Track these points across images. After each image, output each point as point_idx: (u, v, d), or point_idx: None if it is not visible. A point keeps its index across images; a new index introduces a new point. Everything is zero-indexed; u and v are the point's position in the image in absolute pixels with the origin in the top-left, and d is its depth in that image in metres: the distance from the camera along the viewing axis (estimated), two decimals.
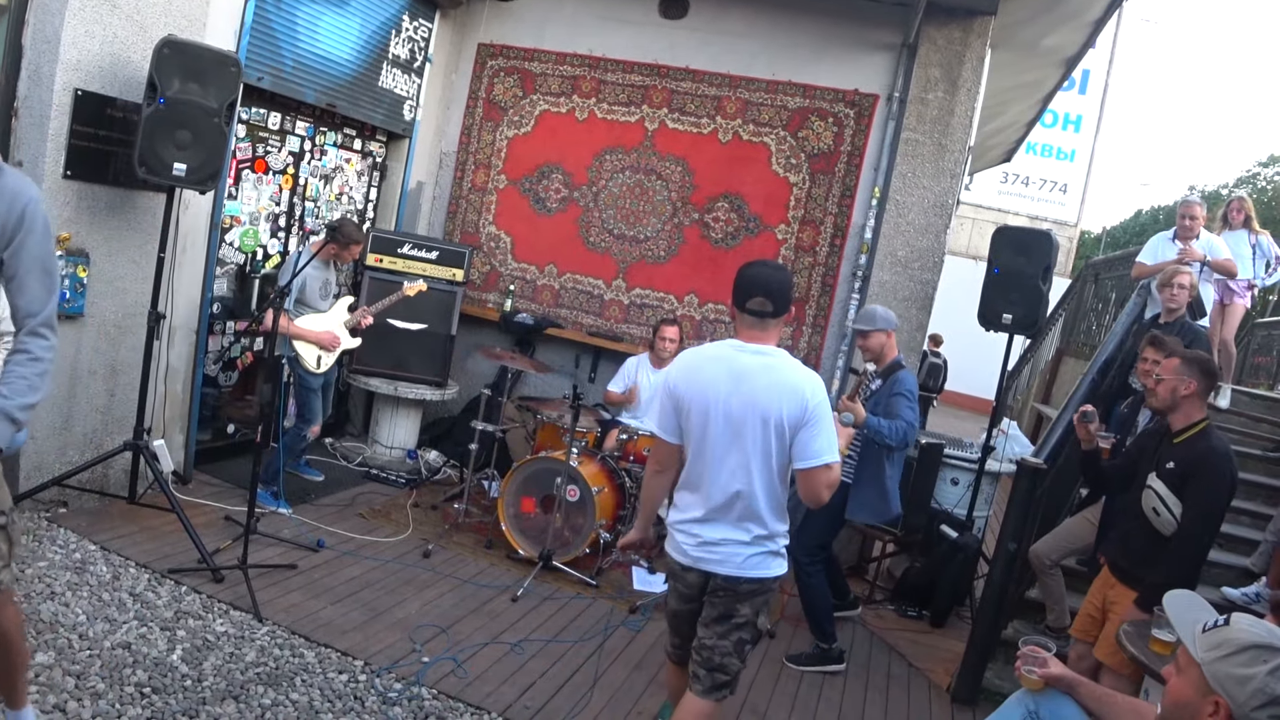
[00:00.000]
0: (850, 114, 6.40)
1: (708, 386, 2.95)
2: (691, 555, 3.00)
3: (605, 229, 6.94)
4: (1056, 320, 11.26)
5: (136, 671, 3.30)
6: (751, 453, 2.92)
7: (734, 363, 2.94)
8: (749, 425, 2.90)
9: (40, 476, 4.47)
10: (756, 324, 2.96)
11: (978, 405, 14.18)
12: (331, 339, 5.48)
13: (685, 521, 3.03)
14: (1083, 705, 2.59)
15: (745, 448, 2.92)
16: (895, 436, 4.34)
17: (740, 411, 2.90)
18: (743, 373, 2.92)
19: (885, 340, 4.59)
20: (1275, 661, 1.80)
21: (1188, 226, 6.11)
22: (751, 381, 2.90)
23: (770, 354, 2.96)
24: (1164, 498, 3.54)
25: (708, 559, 2.98)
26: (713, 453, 2.95)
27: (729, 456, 2.93)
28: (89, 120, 4.36)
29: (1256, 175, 27.39)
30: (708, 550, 2.98)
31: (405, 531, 5.39)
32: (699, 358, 3.05)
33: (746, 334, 2.98)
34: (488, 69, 7.23)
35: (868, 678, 4.61)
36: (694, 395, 2.96)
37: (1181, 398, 3.59)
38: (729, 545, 2.96)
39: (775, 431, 2.89)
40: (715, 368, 2.96)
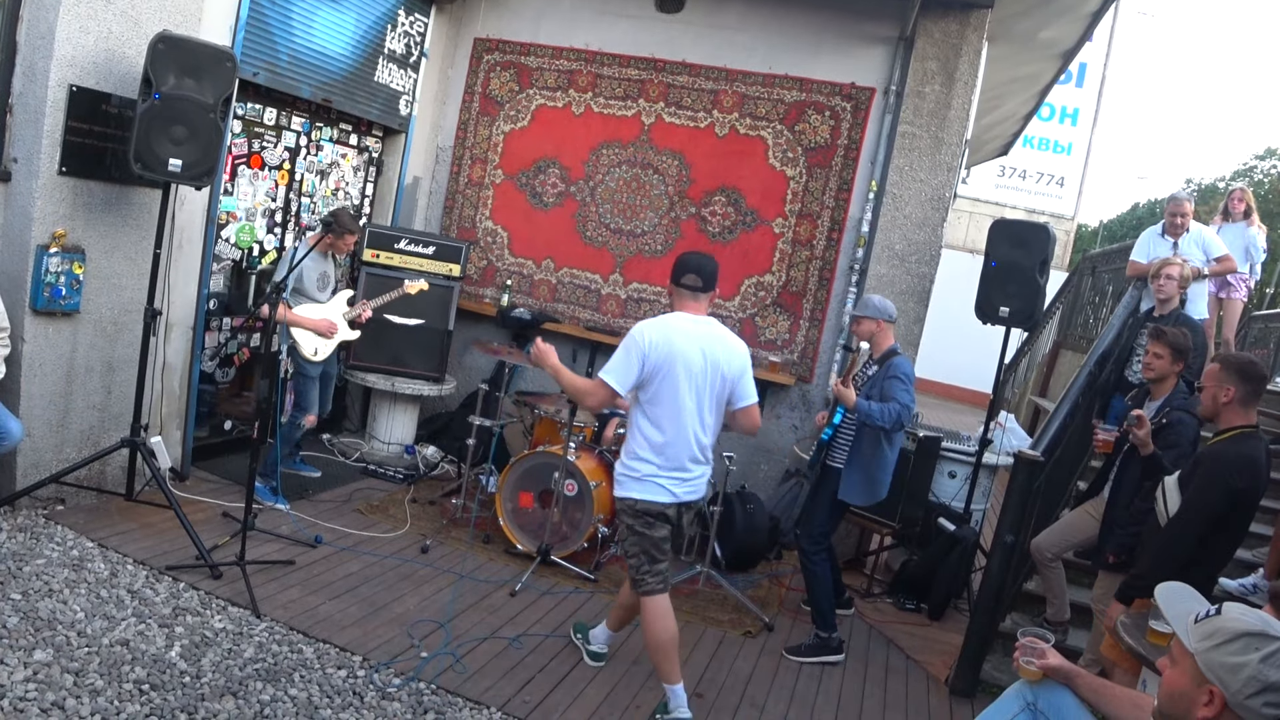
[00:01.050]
0: (847, 107, 6.40)
1: (683, 356, 3.55)
2: (680, 495, 3.64)
3: (602, 223, 6.94)
4: (1053, 313, 11.25)
5: (135, 668, 3.31)
6: (714, 405, 3.66)
7: (697, 334, 3.61)
8: (712, 384, 3.62)
9: (37, 474, 4.47)
10: (691, 296, 3.69)
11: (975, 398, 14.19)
12: (328, 326, 5.48)
13: (670, 470, 3.61)
14: (1081, 696, 2.60)
15: (709, 402, 3.64)
16: (886, 418, 4.35)
17: (709, 374, 3.60)
18: (706, 342, 3.61)
19: (875, 329, 4.63)
20: (1267, 649, 1.81)
21: (1177, 224, 6.12)
22: (713, 348, 3.62)
23: (714, 324, 3.72)
24: (1166, 489, 3.55)
25: (693, 494, 3.69)
26: (688, 408, 3.58)
27: (700, 410, 3.61)
28: (84, 116, 4.35)
29: (1253, 168, 27.44)
30: (690, 486, 3.67)
31: (403, 527, 5.39)
32: (669, 330, 3.60)
33: (690, 306, 3.70)
34: (484, 63, 7.21)
35: (866, 670, 4.62)
36: (671, 362, 3.54)
37: (1222, 405, 3.55)
38: (702, 479, 3.73)
39: (725, 386, 3.65)
40: (685, 339, 3.58)
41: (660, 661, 3.67)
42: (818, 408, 6.53)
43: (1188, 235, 6.13)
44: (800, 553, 4.71)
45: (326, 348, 5.51)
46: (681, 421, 3.58)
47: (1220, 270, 6.17)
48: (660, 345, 3.54)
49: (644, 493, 3.61)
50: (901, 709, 4.28)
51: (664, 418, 3.58)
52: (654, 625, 3.64)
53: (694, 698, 3.98)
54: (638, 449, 3.63)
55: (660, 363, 3.53)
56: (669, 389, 3.56)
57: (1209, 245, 6.15)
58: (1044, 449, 4.56)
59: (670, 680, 3.65)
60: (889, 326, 4.66)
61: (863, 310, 4.69)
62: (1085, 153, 19.82)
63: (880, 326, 4.63)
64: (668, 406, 3.57)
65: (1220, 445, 3.51)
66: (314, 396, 5.58)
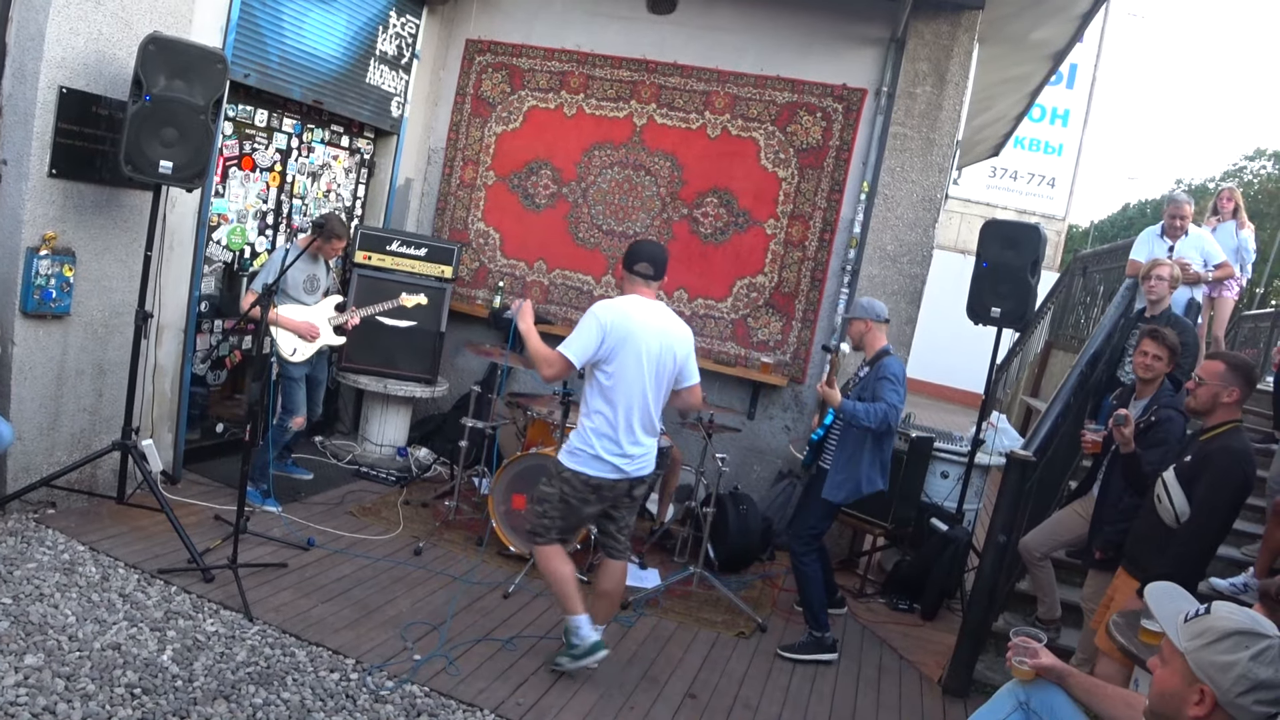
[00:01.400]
0: (839, 109, 6.41)
1: (639, 337, 3.76)
2: (626, 470, 3.83)
3: (594, 225, 6.94)
4: (1045, 313, 11.30)
5: (127, 672, 3.29)
6: (665, 384, 3.89)
7: (651, 317, 3.83)
8: (664, 365, 3.84)
9: (28, 477, 4.45)
10: (644, 283, 3.92)
11: (967, 399, 14.23)
12: (309, 329, 5.45)
13: (622, 447, 3.80)
14: (1073, 696, 2.61)
15: (661, 381, 3.86)
16: (872, 419, 4.36)
17: (663, 356, 3.83)
18: (660, 325, 3.84)
19: (865, 329, 4.66)
20: (1257, 647, 1.82)
21: (1177, 226, 6.11)
22: (666, 332, 3.85)
23: (664, 309, 3.95)
24: (1169, 487, 3.56)
25: (642, 469, 3.89)
26: (641, 386, 3.79)
27: (652, 389, 3.83)
28: (74, 118, 4.34)
29: (1243, 169, 27.53)
30: (640, 463, 3.87)
31: (396, 529, 5.38)
32: (627, 311, 3.80)
33: (642, 291, 3.92)
34: (476, 65, 7.21)
35: (859, 670, 4.63)
36: (627, 342, 3.74)
37: (1222, 403, 3.60)
38: (651, 454, 3.93)
39: (675, 367, 3.90)
40: (642, 321, 3.79)
41: (558, 597, 3.99)
42: (810, 408, 6.54)
43: (1186, 239, 6.12)
44: (791, 554, 4.72)
45: (306, 349, 5.48)
46: (635, 399, 3.79)
47: (1220, 276, 6.18)
48: (619, 325, 3.74)
49: (596, 470, 3.81)
50: (895, 709, 4.29)
51: (619, 395, 3.78)
52: (549, 566, 3.93)
53: (687, 699, 3.99)
54: (595, 426, 3.82)
55: (618, 342, 3.74)
56: (625, 367, 3.76)
57: (1209, 252, 6.13)
58: (1036, 449, 4.57)
59: (571, 611, 3.93)
60: (880, 327, 4.66)
61: (852, 312, 4.73)
62: (1076, 153, 19.91)
63: (869, 327, 4.65)
64: (623, 384, 3.77)
65: (1226, 439, 3.55)
66: (300, 398, 5.55)
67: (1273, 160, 26.84)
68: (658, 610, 4.90)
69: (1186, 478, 3.54)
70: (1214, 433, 3.61)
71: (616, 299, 3.87)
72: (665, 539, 5.94)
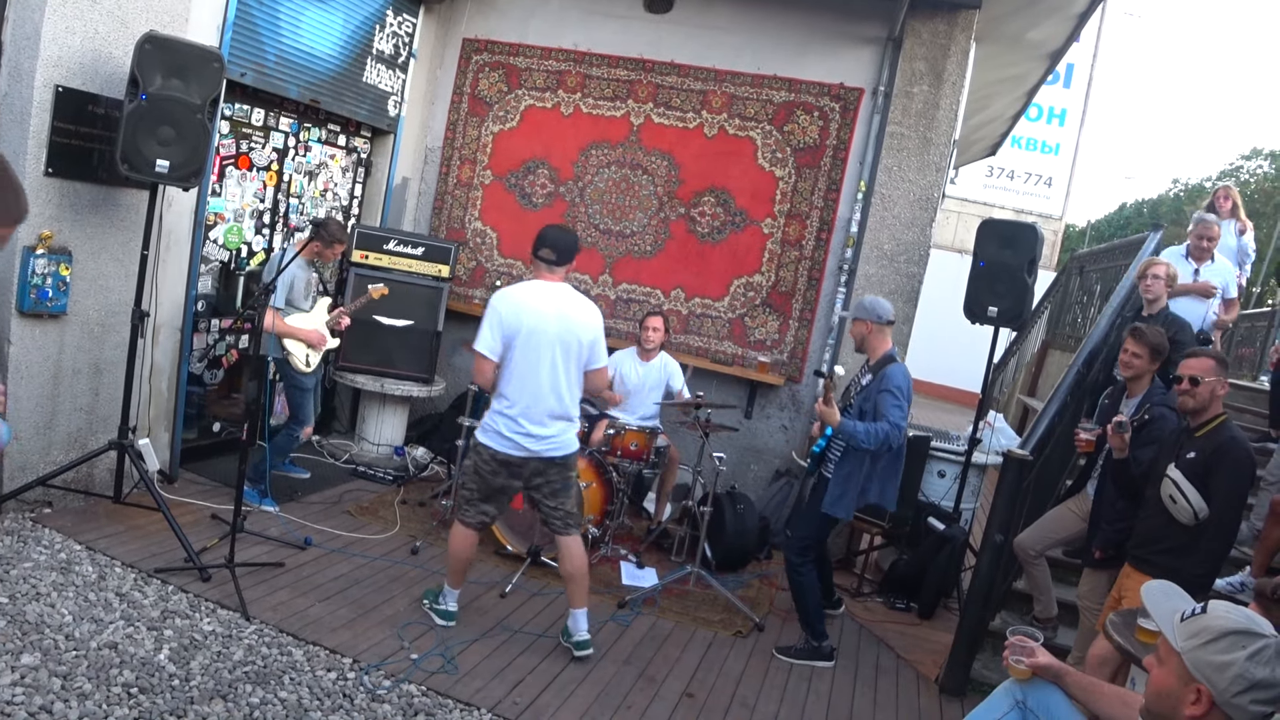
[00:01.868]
0: (835, 108, 6.41)
1: (538, 319, 3.87)
2: (532, 449, 3.94)
3: (591, 224, 6.94)
4: (1042, 313, 11.29)
5: (124, 671, 3.29)
6: (571, 365, 3.96)
7: (551, 300, 3.92)
8: (567, 346, 3.92)
9: (24, 476, 4.44)
10: (548, 269, 4.00)
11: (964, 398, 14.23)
12: (319, 338, 5.46)
13: (526, 427, 3.92)
14: (1070, 694, 2.61)
15: (566, 363, 3.94)
16: (871, 440, 4.20)
17: (564, 338, 3.91)
18: (560, 308, 3.92)
19: (866, 331, 4.47)
20: (1253, 646, 1.82)
21: (1204, 249, 5.93)
22: (566, 314, 3.93)
23: (568, 291, 4.02)
24: (1181, 486, 3.57)
25: (553, 450, 3.98)
26: (543, 369, 3.89)
27: (556, 371, 3.91)
28: (70, 117, 4.33)
29: (1239, 168, 27.60)
30: (550, 444, 3.97)
31: (393, 529, 5.38)
32: (522, 297, 3.93)
33: (546, 276, 4.01)
34: (472, 64, 7.20)
35: (856, 670, 4.63)
36: (523, 327, 3.86)
37: (1215, 397, 3.67)
38: (562, 436, 4.02)
39: (581, 348, 3.97)
40: (539, 306, 3.89)
41: (449, 569, 4.23)
42: (807, 407, 6.55)
43: (1212, 265, 5.92)
44: (787, 563, 4.62)
45: (316, 358, 5.48)
46: (538, 381, 3.91)
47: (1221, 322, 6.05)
48: (513, 312, 3.89)
49: (501, 446, 3.96)
50: (892, 708, 4.29)
51: (521, 378, 3.91)
52: (453, 542, 4.16)
53: (684, 698, 3.99)
54: (501, 406, 3.97)
55: (515, 328, 3.87)
56: (524, 351, 3.89)
57: (1228, 284, 5.99)
58: (1032, 448, 4.57)
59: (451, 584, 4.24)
60: (884, 329, 4.47)
61: (853, 312, 4.55)
62: (1073, 153, 19.92)
63: (872, 329, 4.45)
64: (523, 367, 3.90)
65: (1228, 431, 3.64)
66: (310, 409, 5.55)
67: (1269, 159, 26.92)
68: (655, 609, 4.90)
69: (1197, 474, 3.56)
70: (1210, 426, 3.66)
71: (515, 286, 4.05)
72: (662, 538, 5.94)
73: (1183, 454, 3.65)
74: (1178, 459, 3.65)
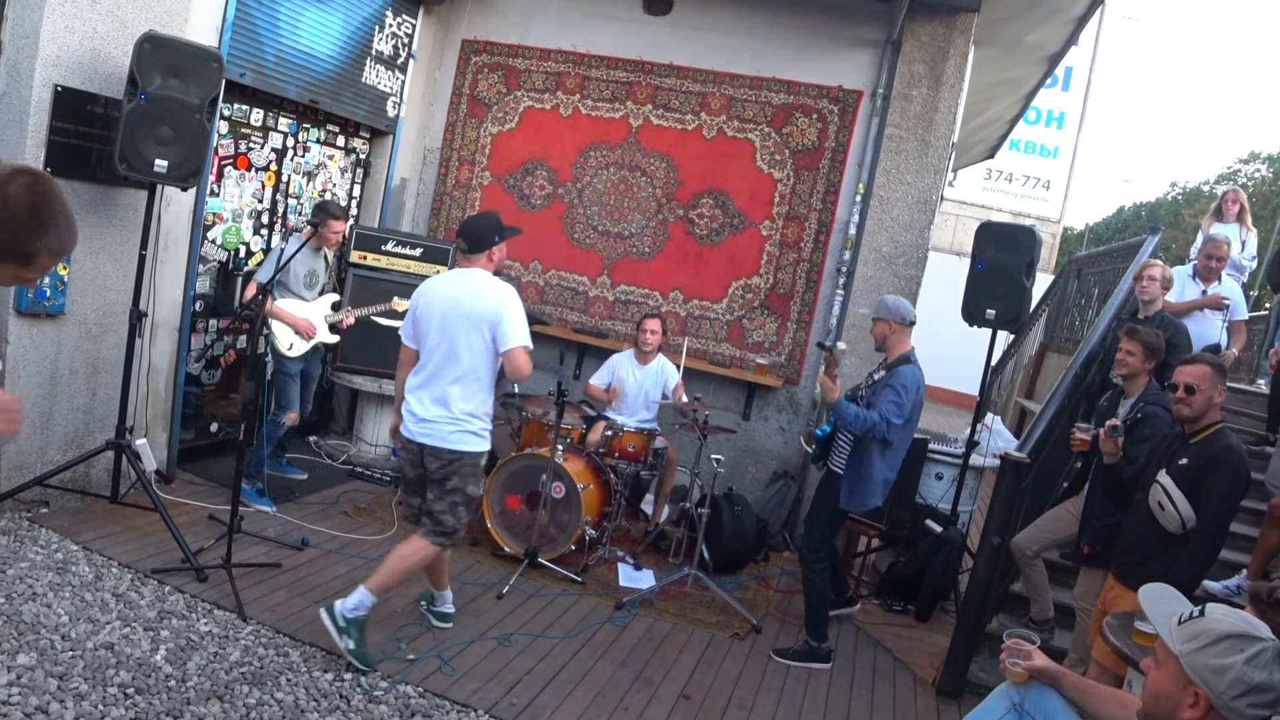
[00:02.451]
0: (834, 110, 6.42)
1: (433, 303, 3.85)
2: (414, 433, 3.86)
3: (590, 225, 6.94)
4: (1040, 315, 11.31)
5: (120, 672, 3.28)
6: (459, 347, 3.80)
7: (450, 283, 3.90)
8: (454, 326, 3.80)
9: (21, 476, 4.44)
10: (463, 257, 3.99)
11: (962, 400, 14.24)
12: (307, 326, 5.43)
13: (412, 405, 3.88)
14: (1067, 697, 2.61)
15: (455, 344, 3.80)
16: (858, 424, 4.28)
17: (454, 317, 3.80)
18: (455, 289, 3.85)
19: (889, 331, 4.50)
20: (1251, 650, 1.82)
21: (1213, 268, 5.89)
22: (460, 293, 3.83)
23: (475, 274, 3.90)
24: (1170, 493, 3.53)
25: (426, 436, 3.83)
26: (433, 349, 3.84)
27: (444, 352, 3.82)
28: (69, 116, 4.32)
29: (1237, 172, 27.65)
30: (425, 428, 3.83)
31: (390, 529, 5.37)
32: (431, 282, 3.96)
33: (462, 263, 3.99)
34: (472, 65, 7.21)
35: (853, 672, 4.63)
36: (424, 310, 3.87)
37: (1213, 405, 3.61)
38: (439, 425, 3.82)
39: (474, 328, 3.79)
40: (438, 287, 3.90)
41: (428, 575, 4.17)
42: (805, 410, 6.56)
43: (1219, 286, 5.85)
44: (801, 560, 4.67)
45: (301, 346, 5.46)
46: (428, 362, 3.87)
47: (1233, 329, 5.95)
48: (420, 295, 3.94)
49: (403, 427, 3.95)
50: (889, 710, 4.29)
51: (422, 358, 3.92)
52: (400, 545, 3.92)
53: (682, 699, 3.99)
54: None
55: (420, 312, 3.90)
56: (422, 333, 3.89)
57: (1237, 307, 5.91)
58: (1030, 450, 4.57)
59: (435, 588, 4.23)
60: (905, 330, 4.50)
61: (877, 311, 4.57)
62: (1071, 156, 19.95)
63: (893, 329, 4.48)
64: (422, 348, 3.91)
65: (1224, 439, 3.56)
66: (294, 394, 5.53)
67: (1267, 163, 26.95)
68: (652, 611, 4.90)
69: (1188, 482, 3.51)
70: (1205, 434, 3.60)
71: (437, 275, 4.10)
72: (660, 540, 5.94)
73: (1175, 460, 3.60)
74: (1169, 465, 3.61)
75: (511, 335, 3.80)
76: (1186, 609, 1.99)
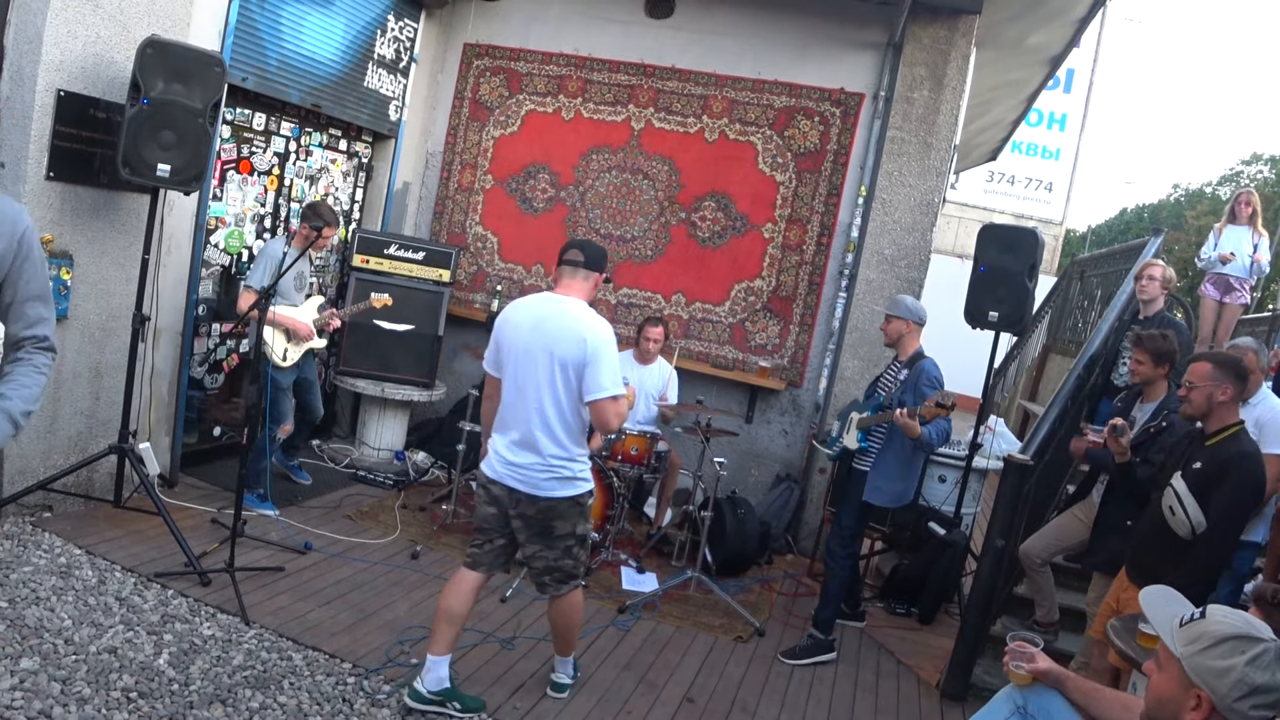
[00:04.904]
0: (836, 113, 6.42)
1: (518, 330, 3.44)
2: (500, 473, 3.45)
3: (592, 229, 6.94)
4: (1042, 318, 11.30)
5: (123, 676, 3.29)
6: (548, 391, 3.37)
7: (537, 312, 3.46)
8: (539, 366, 3.37)
9: (24, 480, 4.44)
10: (567, 274, 3.53)
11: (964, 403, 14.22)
12: (308, 331, 5.41)
13: (500, 448, 3.48)
14: (1070, 700, 2.60)
15: (541, 387, 3.37)
16: (939, 439, 4.45)
17: (537, 356, 3.37)
18: (541, 321, 3.41)
19: (905, 329, 4.66)
20: (1253, 651, 1.81)
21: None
22: (546, 328, 3.39)
23: (565, 304, 3.45)
24: (1182, 497, 3.48)
25: (517, 482, 3.41)
26: (517, 390, 3.42)
27: (521, 391, 3.41)
28: (72, 121, 4.34)
29: (1240, 173, 27.60)
30: (515, 471, 3.42)
31: (393, 533, 5.37)
32: (517, 306, 3.54)
33: (561, 280, 3.55)
34: (474, 69, 7.22)
35: (857, 675, 4.62)
36: (507, 338, 3.46)
37: (1217, 403, 3.53)
38: (529, 471, 3.40)
39: (563, 371, 3.35)
40: (523, 314, 3.47)
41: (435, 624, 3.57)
42: (808, 412, 6.55)
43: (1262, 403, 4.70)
44: (828, 553, 4.77)
45: (296, 353, 5.42)
46: (514, 402, 3.45)
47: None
48: (504, 321, 3.52)
49: (486, 465, 3.55)
50: (893, 713, 4.28)
51: (505, 392, 3.49)
52: (445, 589, 3.62)
53: (685, 703, 3.99)
54: None
55: (502, 339, 3.50)
56: (504, 363, 3.49)
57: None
58: (1033, 453, 4.56)
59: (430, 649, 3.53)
60: (918, 330, 4.70)
61: (895, 309, 4.72)
62: (1073, 158, 19.93)
63: (910, 328, 4.67)
64: (505, 380, 3.49)
65: (1239, 444, 3.51)
66: (288, 406, 5.47)
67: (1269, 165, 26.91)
68: (655, 614, 4.89)
69: (1200, 486, 3.46)
70: (1221, 437, 3.54)
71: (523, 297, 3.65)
72: (663, 543, 5.93)
73: (1189, 463, 3.55)
74: (1184, 468, 3.56)
75: (600, 382, 3.32)
76: (1188, 611, 1.99)
